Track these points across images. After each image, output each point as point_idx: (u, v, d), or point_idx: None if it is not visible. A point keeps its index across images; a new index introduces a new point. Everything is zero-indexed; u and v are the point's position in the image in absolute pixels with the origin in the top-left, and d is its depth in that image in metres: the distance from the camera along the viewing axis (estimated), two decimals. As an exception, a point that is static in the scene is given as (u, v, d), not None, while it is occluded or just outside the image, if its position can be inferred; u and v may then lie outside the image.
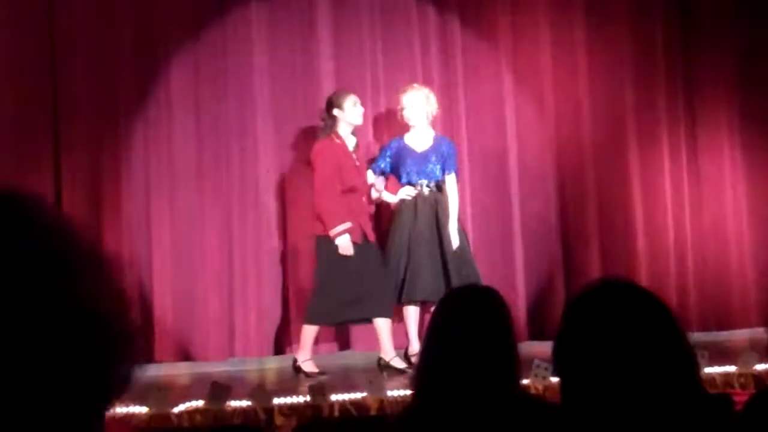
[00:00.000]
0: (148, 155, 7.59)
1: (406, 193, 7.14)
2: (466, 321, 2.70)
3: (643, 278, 7.50)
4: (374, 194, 7.32)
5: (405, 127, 7.31)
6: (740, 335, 7.65)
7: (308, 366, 6.88)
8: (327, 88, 7.67)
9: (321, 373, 6.79)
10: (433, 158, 7.19)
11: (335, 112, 6.98)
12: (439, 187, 7.19)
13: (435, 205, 7.14)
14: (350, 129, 7.06)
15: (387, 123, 7.77)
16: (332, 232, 6.80)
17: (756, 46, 8.23)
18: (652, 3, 8.23)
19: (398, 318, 7.16)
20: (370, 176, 7.26)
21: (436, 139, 7.26)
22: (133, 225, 7.50)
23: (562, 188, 8.03)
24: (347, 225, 6.80)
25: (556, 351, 1.91)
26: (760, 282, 7.98)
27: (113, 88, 7.54)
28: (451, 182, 7.23)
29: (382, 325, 6.91)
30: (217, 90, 7.68)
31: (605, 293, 1.93)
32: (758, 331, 7.18)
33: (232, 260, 7.67)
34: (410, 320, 7.08)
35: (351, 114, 7.01)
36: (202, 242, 7.60)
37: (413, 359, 6.88)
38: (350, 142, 7.06)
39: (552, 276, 7.99)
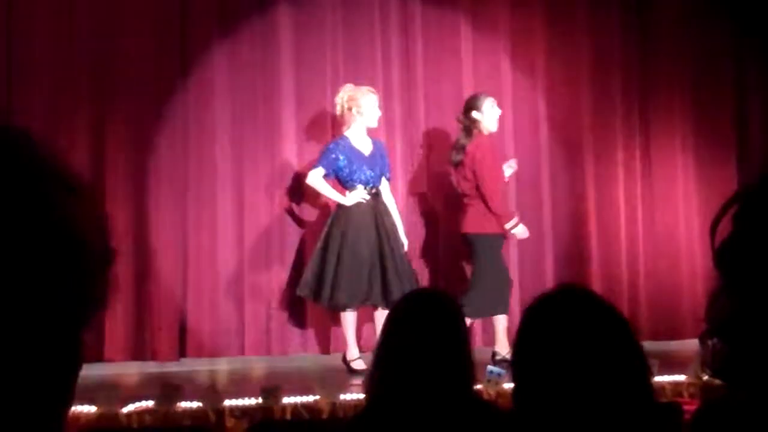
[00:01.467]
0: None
1: (362, 195, 7.03)
2: (420, 325, 2.70)
3: (596, 287, 7.54)
4: (330, 194, 7.14)
5: (341, 126, 7.26)
6: (690, 345, 7.70)
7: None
8: (287, 89, 7.69)
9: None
10: (378, 161, 7.18)
11: (474, 114, 7.06)
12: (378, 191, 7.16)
13: (382, 208, 7.13)
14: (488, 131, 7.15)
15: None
16: (508, 226, 7.03)
17: (711, 62, 8.35)
18: (611, 17, 8.32)
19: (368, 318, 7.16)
20: (317, 176, 7.06)
21: (374, 143, 7.22)
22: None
23: (518, 197, 8.07)
24: (516, 217, 7.14)
25: (513, 355, 1.91)
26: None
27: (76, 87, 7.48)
28: (387, 186, 7.22)
29: (503, 320, 7.03)
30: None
31: (563, 300, 1.94)
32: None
33: (186, 261, 7.63)
34: (354, 324, 7.03)
35: (489, 116, 7.10)
36: (155, 241, 7.55)
37: (353, 364, 6.88)
38: None
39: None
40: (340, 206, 7.05)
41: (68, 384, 0.98)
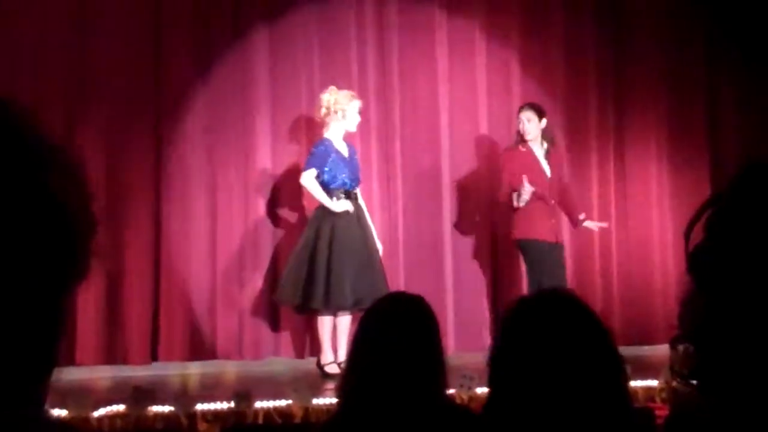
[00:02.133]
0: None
1: (348, 206, 6.96)
2: (393, 329, 2.69)
3: (569, 291, 7.56)
4: (321, 198, 6.97)
5: (318, 129, 7.24)
6: (663, 350, 7.69)
7: None
8: (262, 93, 7.69)
9: None
10: (355, 165, 7.17)
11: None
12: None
13: (361, 212, 7.13)
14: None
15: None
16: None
17: (684, 69, 8.41)
18: (586, 25, 8.38)
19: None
20: (310, 177, 6.98)
21: (349, 147, 7.20)
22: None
23: (494, 204, 8.07)
24: None
25: (490, 358, 1.91)
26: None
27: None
28: (358, 190, 7.22)
29: None
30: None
31: (542, 303, 1.94)
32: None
33: (159, 264, 7.60)
34: (330, 329, 6.99)
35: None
36: (128, 244, 7.51)
37: (327, 368, 6.85)
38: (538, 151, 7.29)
39: (480, 289, 8.04)
40: (322, 210, 6.99)
41: (51, 349, 1.01)
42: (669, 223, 8.27)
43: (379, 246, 7.14)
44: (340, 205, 6.93)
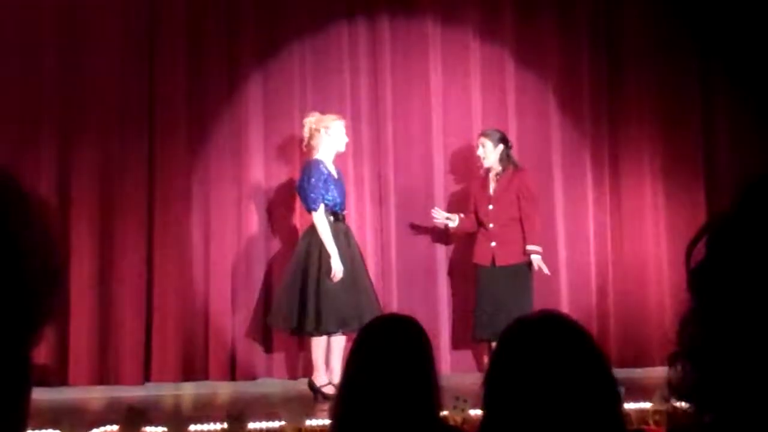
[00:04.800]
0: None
1: (337, 222, 6.99)
2: (386, 351, 2.69)
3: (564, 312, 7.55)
4: (327, 240, 6.86)
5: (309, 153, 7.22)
6: (656, 372, 7.73)
7: None
8: (253, 112, 7.72)
9: None
10: (343, 186, 7.18)
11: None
12: None
13: (350, 233, 7.15)
14: None
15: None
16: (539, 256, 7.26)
17: (678, 89, 8.42)
18: (579, 44, 8.39)
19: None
20: (321, 217, 6.88)
21: (336, 170, 7.19)
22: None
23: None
24: None
25: (485, 379, 1.91)
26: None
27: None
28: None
29: None
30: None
31: (537, 326, 1.94)
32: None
33: (151, 284, 7.59)
34: (324, 350, 6.96)
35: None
36: (120, 265, 7.51)
37: (325, 389, 6.81)
38: None
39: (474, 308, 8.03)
40: (312, 229, 6.95)
41: (19, 405, 0.96)
42: (664, 246, 8.25)
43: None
44: (336, 262, 6.82)
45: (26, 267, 0.95)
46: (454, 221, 7.48)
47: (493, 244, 7.26)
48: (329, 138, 7.07)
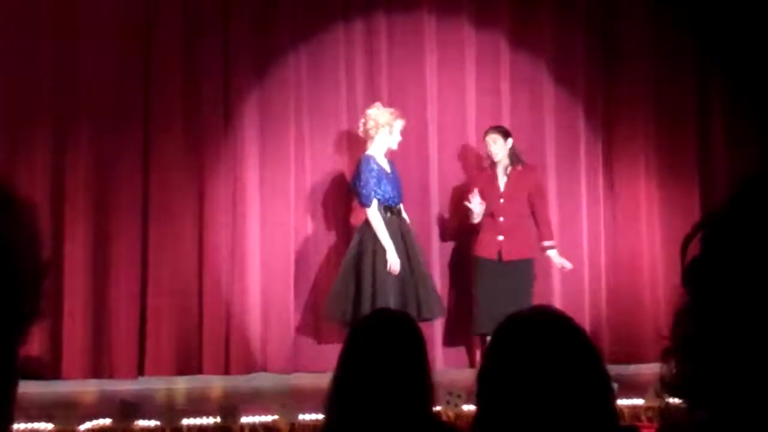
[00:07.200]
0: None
1: (392, 216, 7.00)
2: (379, 346, 2.69)
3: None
4: (381, 233, 6.89)
5: (361, 145, 7.24)
6: (649, 369, 7.74)
7: None
8: (248, 119, 7.72)
9: None
10: (398, 181, 7.17)
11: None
12: None
13: (405, 228, 7.11)
14: None
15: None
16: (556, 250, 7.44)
17: (674, 86, 8.44)
18: (575, 41, 8.40)
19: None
20: (375, 212, 6.91)
21: (390, 164, 7.20)
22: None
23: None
24: None
25: (478, 375, 1.91)
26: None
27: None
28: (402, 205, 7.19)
29: None
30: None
31: (530, 321, 1.94)
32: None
33: (145, 279, 7.58)
34: None
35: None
36: (114, 259, 7.51)
37: None
38: None
39: (467, 306, 8.02)
40: (366, 225, 6.95)
41: (6, 399, 0.96)
42: (658, 243, 8.26)
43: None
44: (393, 255, 6.84)
45: (14, 267, 0.95)
46: (481, 207, 7.28)
47: (501, 238, 7.24)
48: (389, 136, 7.09)
